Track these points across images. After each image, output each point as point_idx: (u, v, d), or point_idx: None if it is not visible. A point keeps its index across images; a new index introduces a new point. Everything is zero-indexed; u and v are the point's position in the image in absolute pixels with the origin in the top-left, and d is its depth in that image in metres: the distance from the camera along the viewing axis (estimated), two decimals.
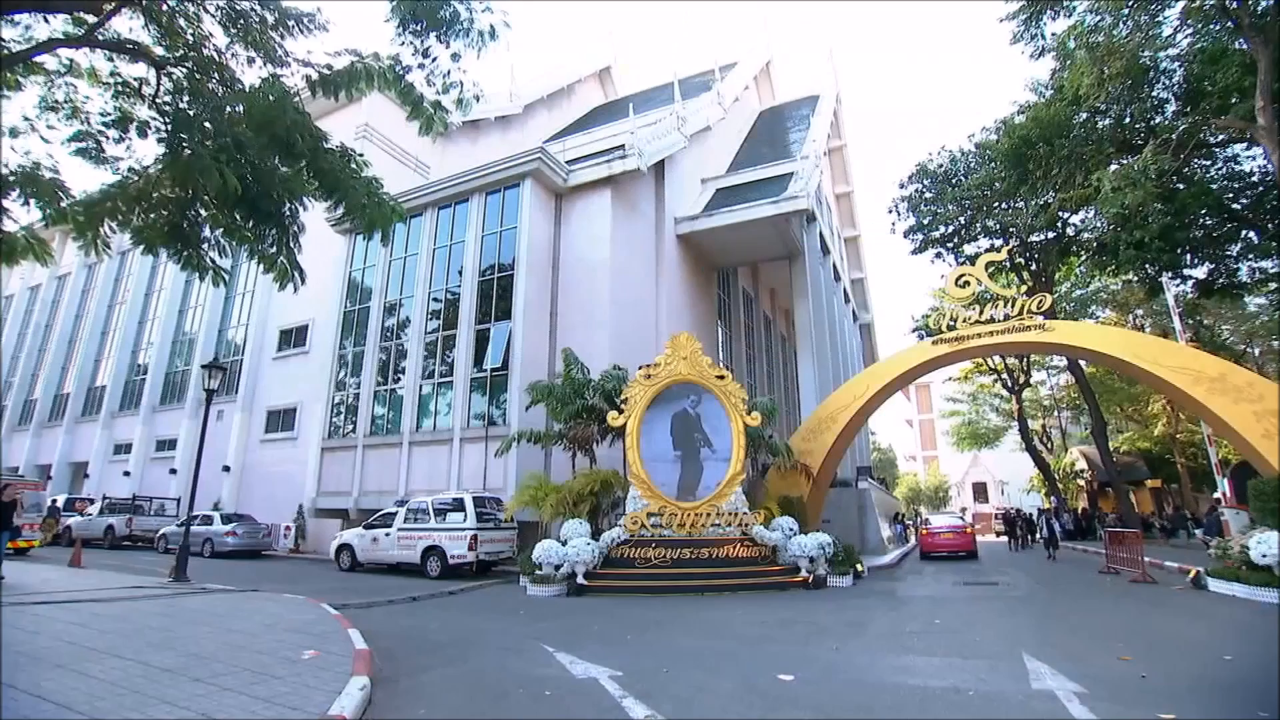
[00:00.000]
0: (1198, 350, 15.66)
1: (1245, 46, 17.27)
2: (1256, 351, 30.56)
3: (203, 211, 6.55)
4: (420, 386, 20.76)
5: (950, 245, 28.68)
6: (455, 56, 6.83)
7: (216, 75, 6.42)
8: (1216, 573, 11.43)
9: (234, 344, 28.79)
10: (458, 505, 15.20)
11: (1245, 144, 20.30)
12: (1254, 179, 21.22)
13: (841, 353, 32.14)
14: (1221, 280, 23.83)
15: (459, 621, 9.34)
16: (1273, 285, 24.64)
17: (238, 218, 6.47)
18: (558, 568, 12.45)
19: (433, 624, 8.96)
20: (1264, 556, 10.51)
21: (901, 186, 29.27)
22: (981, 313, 15.92)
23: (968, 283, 16.55)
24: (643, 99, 33.56)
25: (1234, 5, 16.85)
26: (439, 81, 6.93)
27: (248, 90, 6.25)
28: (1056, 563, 18.74)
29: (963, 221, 27.61)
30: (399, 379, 21.27)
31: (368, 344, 22.12)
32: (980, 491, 61.72)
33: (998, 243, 27.25)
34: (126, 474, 28.74)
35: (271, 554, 21.32)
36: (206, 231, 6.82)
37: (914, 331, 32.55)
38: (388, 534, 15.79)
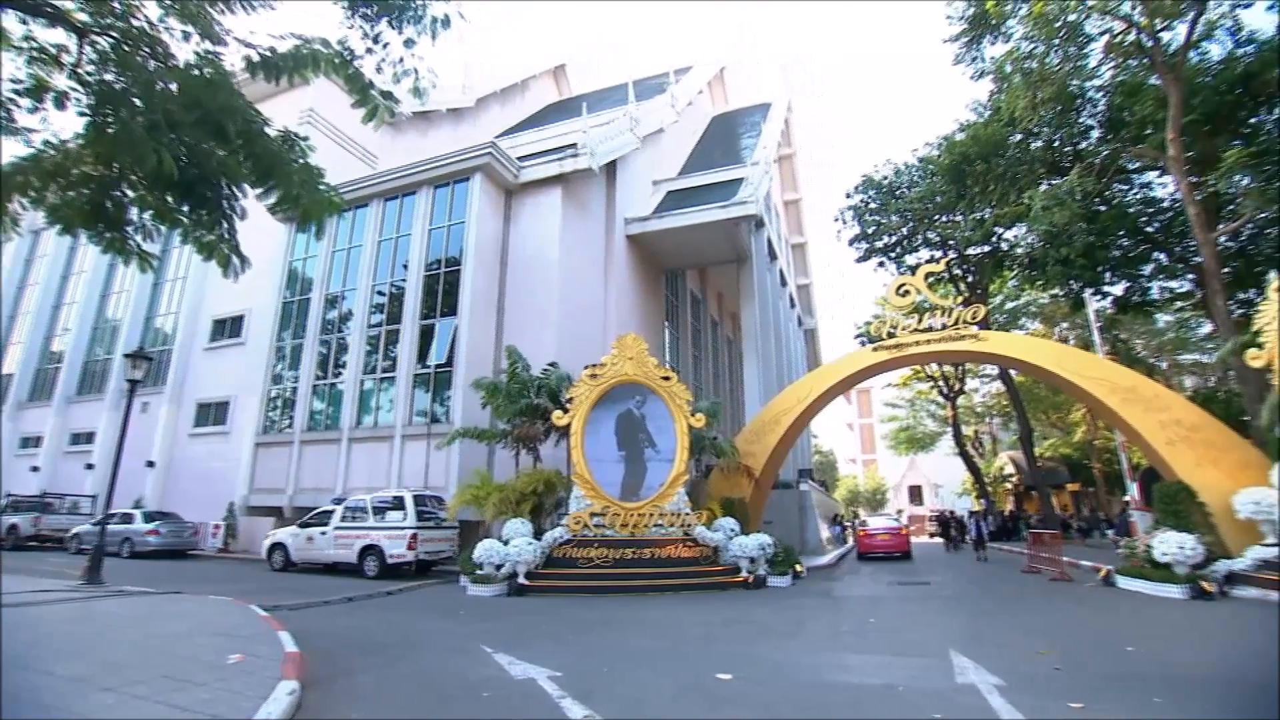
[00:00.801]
0: (1114, 363, 16.60)
1: (1159, 82, 18.47)
2: (1165, 365, 32.62)
3: (129, 192, 6.16)
4: (361, 381, 20.20)
5: (893, 255, 29.60)
6: (409, 43, 6.63)
7: (147, 48, 6.04)
8: (1124, 571, 12.16)
9: (163, 333, 27.35)
10: (398, 503, 14.89)
11: (1158, 172, 21.68)
12: (1165, 205, 22.66)
13: (786, 357, 32.78)
14: (1135, 298, 25.35)
15: (397, 622, 9.13)
16: (1179, 304, 26.40)
17: (170, 200, 6.12)
18: (499, 567, 12.33)
19: (369, 625, 8.73)
20: (1164, 555, 11.25)
21: (848, 196, 30.04)
22: (920, 321, 16.44)
23: (908, 292, 17.11)
24: (597, 98, 33.50)
25: (1149, 44, 18.03)
26: (390, 69, 6.71)
27: (181, 66, 5.90)
28: (985, 563, 19.54)
29: (905, 232, 28.54)
30: (339, 373, 20.63)
31: (307, 336, 21.39)
32: (916, 494, 63.94)
33: (937, 254, 28.26)
34: (35, 469, 26.95)
35: (199, 554, 20.32)
36: (134, 213, 6.42)
37: (857, 338, 33.49)
38: (324, 533, 15.31)
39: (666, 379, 14.57)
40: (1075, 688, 5.25)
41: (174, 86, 5.77)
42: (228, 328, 25.30)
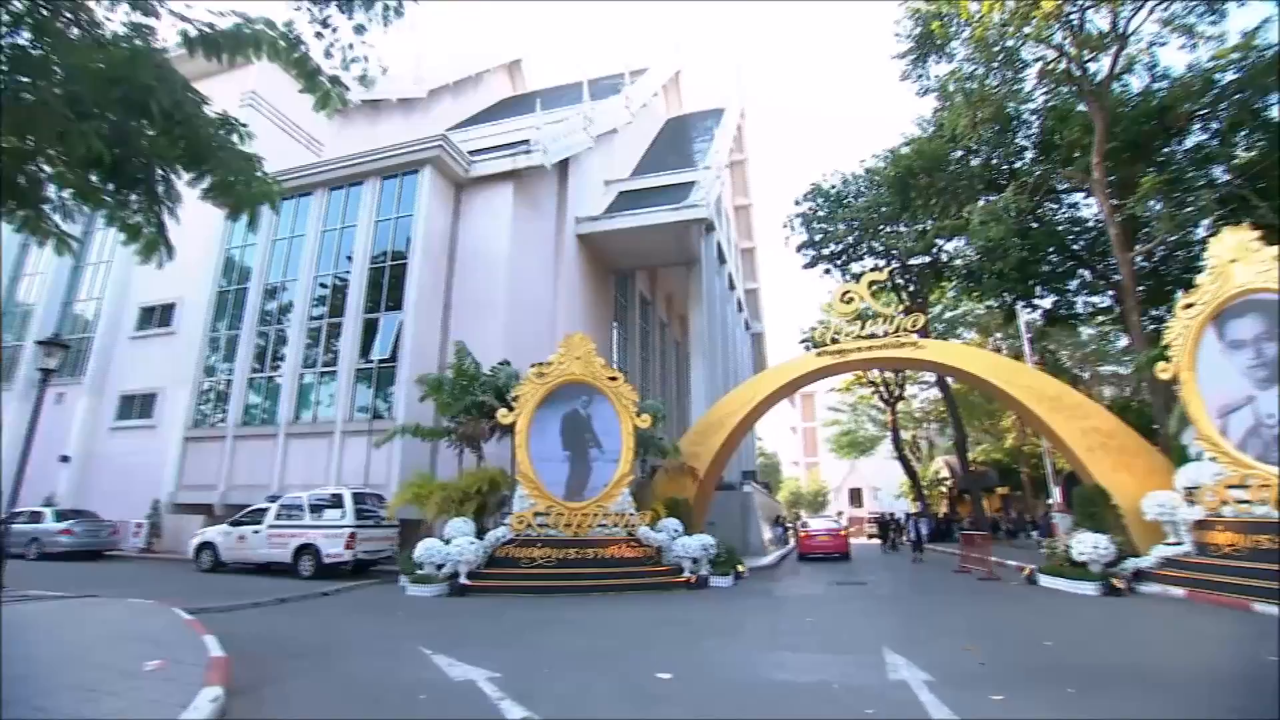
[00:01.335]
0: (1042, 372, 17.45)
1: (1086, 109, 19.57)
2: (1087, 376, 34.46)
3: (47, 168, 5.76)
4: (301, 375, 19.55)
5: (839, 262, 30.28)
6: (359, 29, 6.42)
7: (70, 14, 5.66)
8: (1046, 569, 12.79)
9: (83, 319, 25.74)
10: (336, 501, 14.47)
11: (1084, 193, 22.93)
12: (1090, 225, 23.99)
13: (733, 360, 33.22)
14: (1062, 311, 26.74)
15: (332, 624, 8.89)
16: (1100, 318, 27.98)
17: (94, 179, 5.74)
18: (440, 567, 12.15)
19: (302, 627, 8.46)
20: (1081, 554, 11.90)
21: (797, 204, 30.59)
22: (863, 328, 16.84)
23: (852, 299, 17.57)
24: (552, 95, 33.24)
25: (1078, 73, 19.11)
26: (339, 54, 6.48)
27: (108, 38, 5.54)
28: (920, 564, 20.17)
29: (851, 241, 29.26)
30: (278, 366, 19.90)
31: (244, 327, 20.56)
32: (856, 496, 65.74)
33: (881, 263, 29.05)
34: None
35: (118, 554, 19.21)
36: (52, 190, 5.99)
37: (802, 343, 34.20)
38: (257, 531, 14.74)
39: (613, 379, 14.58)
40: (998, 681, 5.51)
41: (100, 58, 5.42)
42: (157, 316, 24.02)
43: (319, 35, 6.36)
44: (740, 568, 14.79)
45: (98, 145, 4.94)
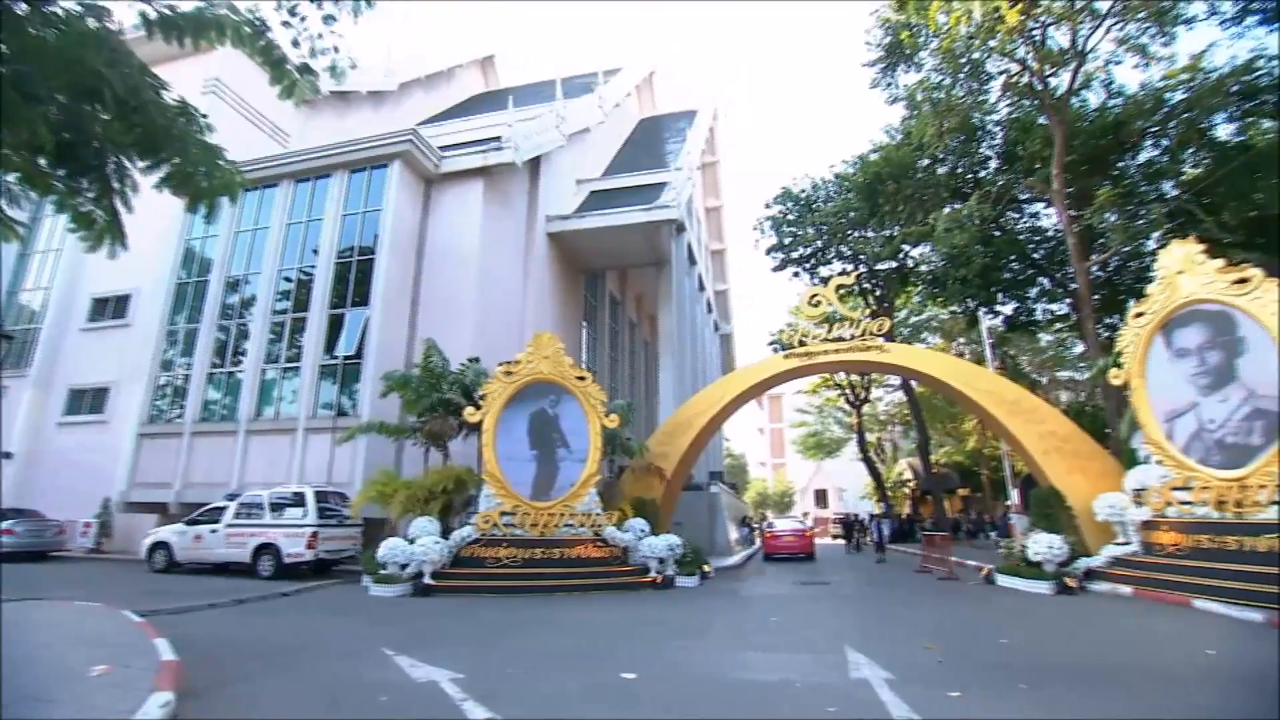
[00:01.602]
0: (1001, 377, 17.90)
1: (1047, 122, 20.18)
2: (1045, 381, 35.45)
3: None
4: (263, 371, 19.11)
5: (808, 266, 30.65)
6: (328, 19, 6.26)
7: None
8: (1003, 569, 13.13)
9: (29, 310, 24.72)
10: (298, 500, 14.19)
11: (1045, 204, 23.62)
12: (1049, 234, 24.71)
13: (701, 361, 33.38)
14: (1022, 318, 27.49)
15: (292, 625, 8.71)
16: (1058, 325, 28.83)
17: (43, 164, 5.49)
18: (404, 567, 12.01)
19: (260, 629, 8.28)
20: (1036, 554, 12.25)
21: (767, 206, 30.88)
22: (830, 331, 17.07)
23: (819, 302, 17.79)
24: (524, 92, 33.03)
25: (1040, 87, 19.70)
26: (308, 44, 6.31)
27: (59, 16, 5.30)
28: (883, 564, 20.45)
29: (820, 245, 29.67)
30: (239, 361, 19.41)
31: (204, 321, 20.02)
32: (821, 497, 66.62)
33: (848, 268, 29.44)
34: None
35: (64, 555, 18.48)
36: None
37: (770, 345, 34.50)
38: (214, 530, 14.35)
39: (582, 379, 14.55)
40: (955, 678, 5.64)
41: (48, 37, 5.18)
42: (110, 308, 23.20)
43: (286, 24, 6.19)
44: (706, 568, 14.88)
45: (43, 132, 4.73)
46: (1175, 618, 8.99)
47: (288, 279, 19.97)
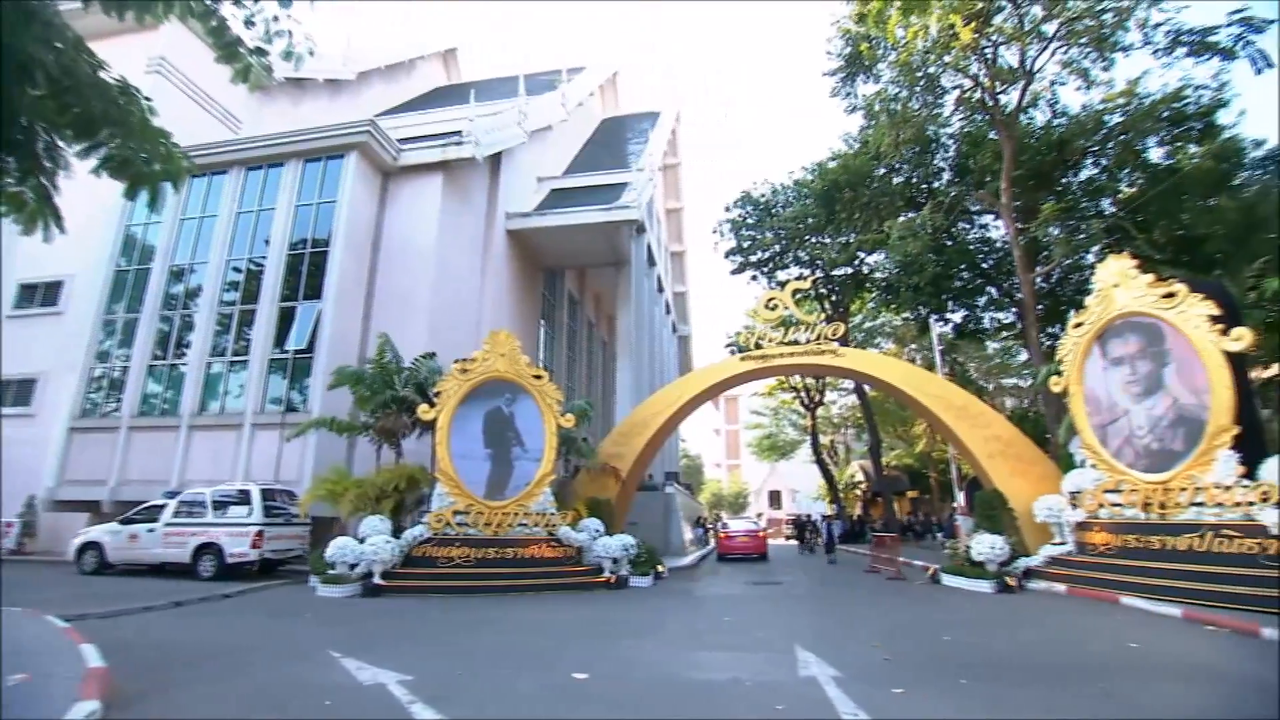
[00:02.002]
0: (950, 382, 18.47)
1: (997, 137, 20.93)
2: (991, 387, 36.71)
3: None
4: (208, 364, 18.49)
5: (766, 270, 31.01)
6: (284, 1, 6.04)
7: None
8: (948, 569, 13.53)
9: None
10: (243, 498, 13.77)
11: (994, 215, 24.45)
12: (997, 245, 25.59)
13: (659, 362, 33.51)
14: (971, 326, 28.37)
15: (233, 627, 8.45)
16: (1004, 334, 29.88)
17: None
18: (353, 567, 11.77)
19: (199, 632, 7.99)
20: (980, 554, 12.68)
21: (727, 210, 31.12)
22: (786, 335, 17.33)
23: (776, 306, 18.05)
24: (486, 87, 32.66)
25: (991, 103, 20.42)
26: (262, 25, 6.05)
27: None
28: (834, 564, 20.80)
29: (778, 249, 30.07)
30: (183, 354, 18.73)
31: (145, 311, 19.26)
32: (775, 499, 67.58)
33: (805, 272, 29.97)
34: None
35: None
36: None
37: (727, 347, 34.82)
38: (151, 530, 13.77)
39: (538, 378, 14.47)
40: (900, 675, 5.80)
41: None
42: (40, 294, 21.98)
43: (238, 3, 5.93)
44: (660, 568, 14.94)
45: None
46: (1104, 614, 9.42)
47: (237, 270, 19.34)
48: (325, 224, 18.88)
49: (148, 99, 5.60)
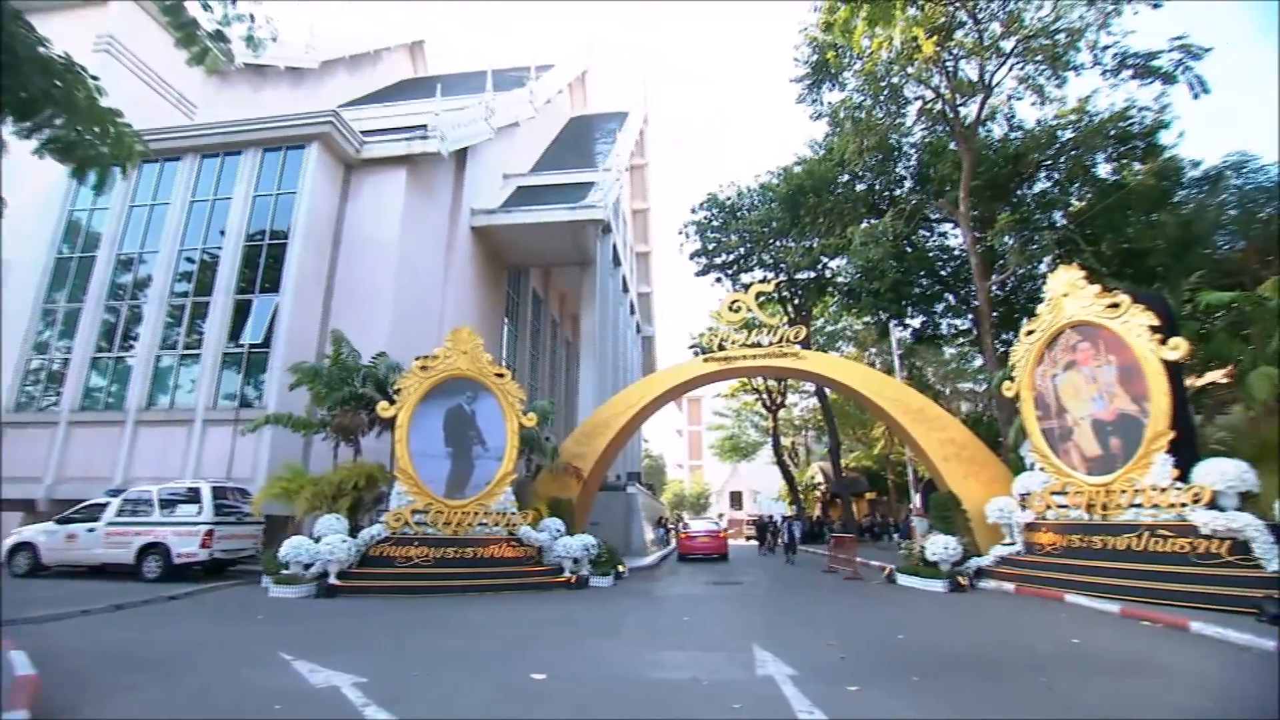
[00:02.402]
0: (908, 386, 18.90)
1: (956, 148, 21.53)
2: (948, 391, 37.66)
3: None
4: (158, 357, 17.87)
5: (730, 272, 31.30)
6: None
7: None
8: (903, 569, 13.83)
9: None
10: (192, 496, 13.32)
11: (952, 224, 25.10)
12: (955, 253, 26.29)
13: (623, 362, 33.53)
14: (929, 331, 29.07)
15: (179, 631, 8.16)
16: (961, 339, 30.70)
17: None
18: (308, 567, 11.51)
19: (142, 636, 7.70)
20: (933, 555, 13.00)
21: (693, 212, 31.28)
22: (749, 337, 17.51)
23: (739, 308, 18.24)
24: (454, 81, 32.21)
25: (951, 115, 20.99)
26: (220, 8, 5.84)
27: None
28: (793, 565, 21.06)
29: (742, 252, 30.35)
30: (130, 346, 18.04)
31: (89, 301, 18.51)
32: (737, 499, 68.23)
33: (769, 275, 30.35)
34: None
35: None
36: None
37: (691, 348, 34.98)
38: (92, 529, 13.20)
39: (500, 376, 14.35)
40: (855, 673, 5.91)
41: None
42: None
43: None
44: (621, 568, 14.95)
45: None
46: (1049, 611, 9.76)
47: (190, 260, 18.74)
48: (284, 216, 18.41)
49: (95, 78, 5.38)
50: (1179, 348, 10.54)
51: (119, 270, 18.92)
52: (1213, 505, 9.52)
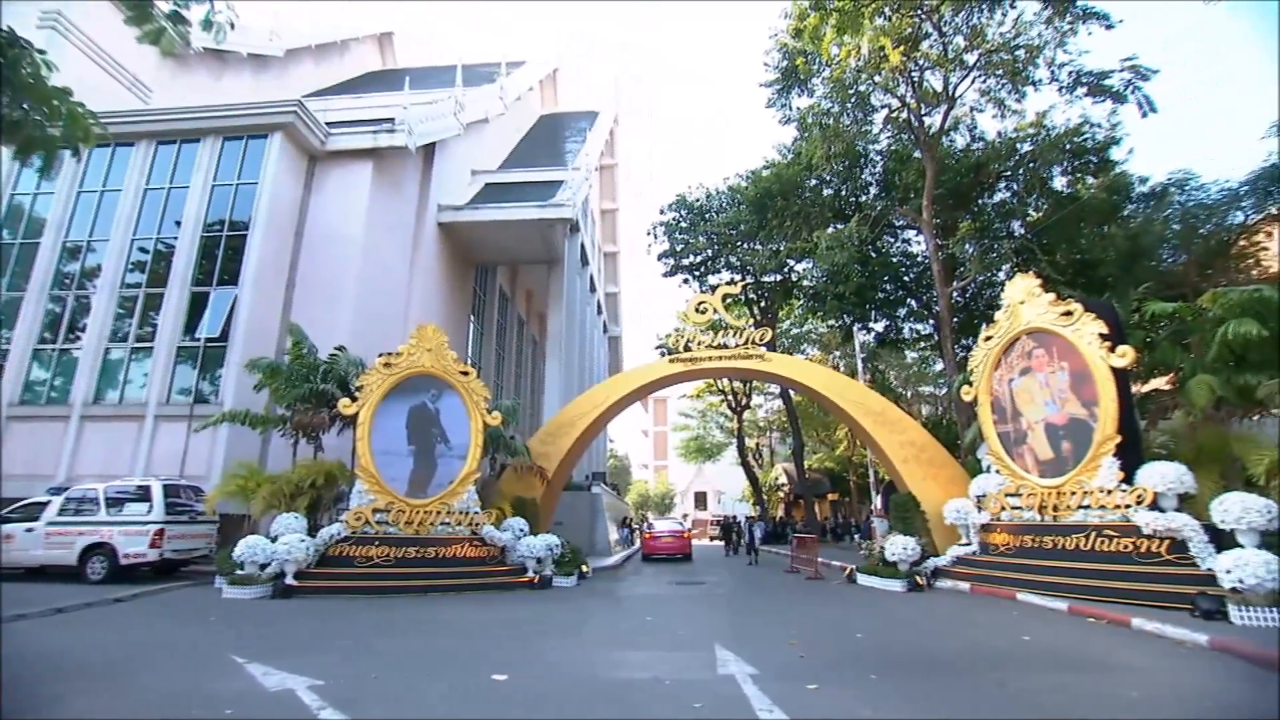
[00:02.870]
0: (870, 389, 19.24)
1: (920, 156, 22.03)
2: (909, 394, 38.45)
3: None
4: (106, 350, 17.25)
5: (697, 273, 31.40)
6: None
7: None
8: (864, 569, 14.07)
9: None
10: (142, 494, 12.85)
11: (916, 231, 25.66)
12: (918, 259, 26.88)
13: (589, 361, 33.48)
14: (892, 335, 29.65)
15: (124, 635, 7.88)
16: (922, 344, 31.39)
17: None
18: (264, 567, 11.23)
19: (84, 641, 7.39)
20: (893, 555, 13.27)
21: (662, 213, 31.35)
22: (715, 338, 17.64)
23: (706, 310, 18.36)
24: (422, 75, 31.80)
25: (916, 124, 21.48)
26: None
27: None
28: (756, 565, 21.25)
29: (710, 254, 30.51)
30: (76, 338, 17.37)
31: (31, 289, 17.79)
32: (701, 500, 68.60)
33: (736, 278, 30.59)
34: None
35: None
36: None
37: (657, 349, 35.04)
38: (30, 529, 12.61)
39: (465, 374, 14.19)
40: (814, 672, 6.00)
41: None
42: None
43: None
44: (585, 568, 14.92)
45: None
46: (1001, 610, 10.04)
47: (143, 250, 18.15)
48: (245, 206, 17.95)
49: (41, 52, 5.13)
50: (1126, 355, 10.95)
51: (65, 258, 18.22)
52: (1154, 506, 9.92)
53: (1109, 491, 10.57)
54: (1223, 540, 9.08)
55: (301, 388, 14.04)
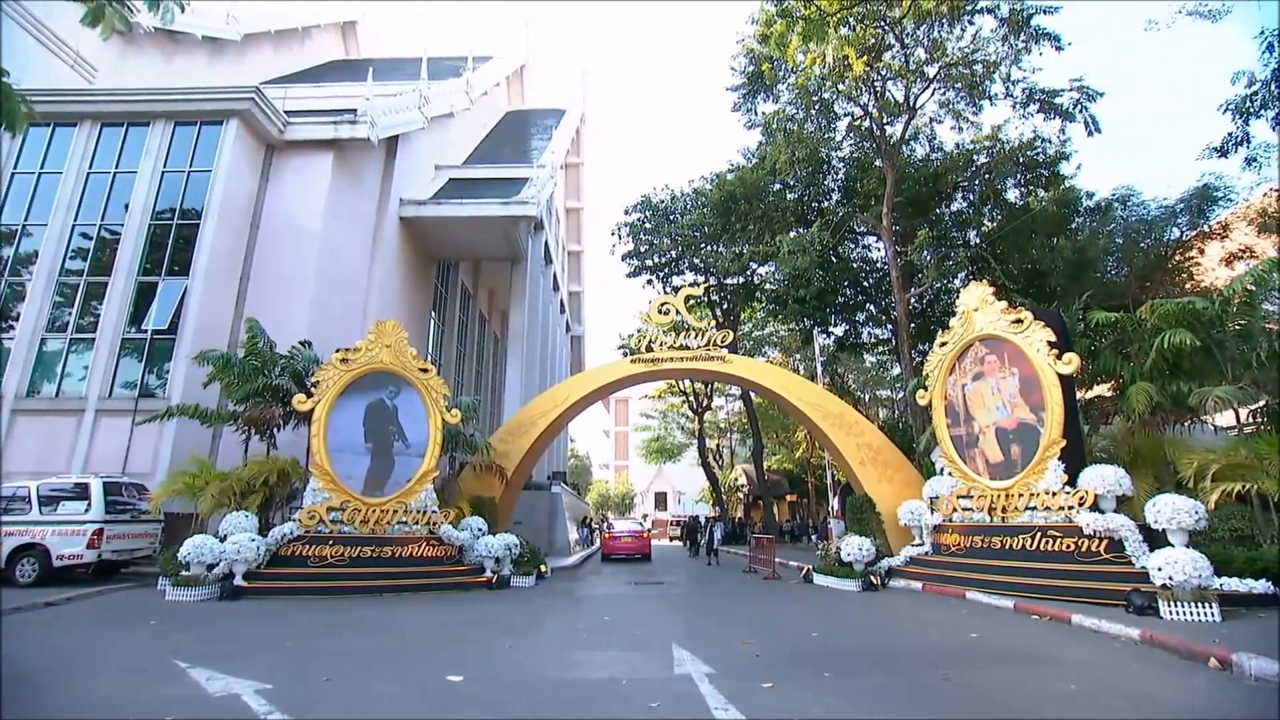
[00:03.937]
0: (829, 392, 19.58)
1: (881, 165, 22.54)
2: (867, 398, 39.23)
3: None
4: (43, 340, 16.49)
5: (661, 274, 31.40)
6: None
7: None
8: (820, 569, 14.31)
9: None
10: (79, 492, 12.34)
11: (875, 237, 26.22)
12: (878, 265, 27.46)
13: (551, 360, 33.31)
14: (851, 339, 30.20)
15: (58, 640, 7.53)
16: (881, 348, 32.07)
17: None
18: (211, 567, 10.87)
19: (12, 648, 6.98)
20: (848, 555, 13.53)
21: (627, 213, 31.25)
22: (677, 339, 17.70)
23: (668, 311, 18.43)
24: (387, 66, 31.14)
25: (878, 132, 21.98)
26: None
27: None
28: (715, 565, 21.44)
29: (674, 255, 30.58)
30: (9, 327, 16.54)
31: None
32: (662, 500, 68.84)
33: (699, 279, 30.75)
34: None
35: None
36: None
37: (619, 349, 35.01)
38: None
39: (425, 371, 14.01)
40: (769, 670, 6.07)
41: None
42: None
43: None
44: (543, 568, 14.86)
45: None
46: (951, 608, 10.34)
47: (86, 236, 17.42)
48: (197, 195, 17.37)
49: None
50: (1072, 362, 11.39)
51: None
52: (1095, 508, 10.33)
53: (1054, 494, 10.97)
54: (1156, 540, 9.50)
55: (255, 383, 13.66)
